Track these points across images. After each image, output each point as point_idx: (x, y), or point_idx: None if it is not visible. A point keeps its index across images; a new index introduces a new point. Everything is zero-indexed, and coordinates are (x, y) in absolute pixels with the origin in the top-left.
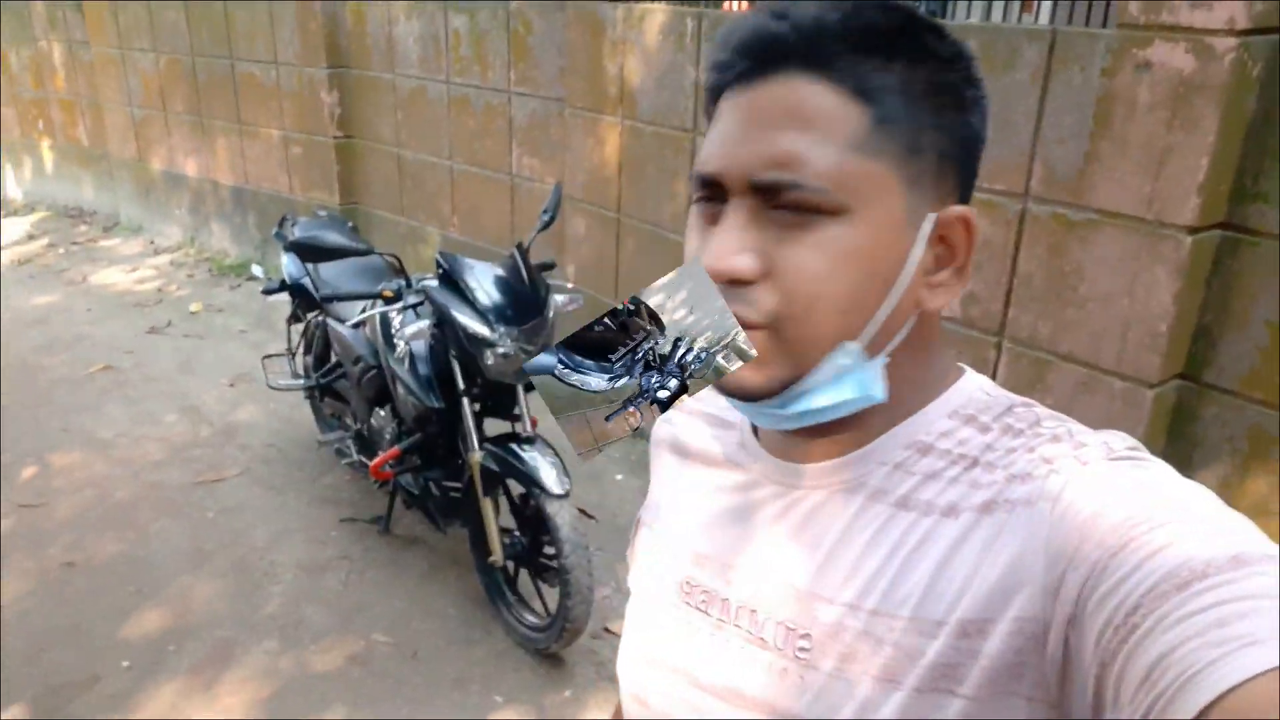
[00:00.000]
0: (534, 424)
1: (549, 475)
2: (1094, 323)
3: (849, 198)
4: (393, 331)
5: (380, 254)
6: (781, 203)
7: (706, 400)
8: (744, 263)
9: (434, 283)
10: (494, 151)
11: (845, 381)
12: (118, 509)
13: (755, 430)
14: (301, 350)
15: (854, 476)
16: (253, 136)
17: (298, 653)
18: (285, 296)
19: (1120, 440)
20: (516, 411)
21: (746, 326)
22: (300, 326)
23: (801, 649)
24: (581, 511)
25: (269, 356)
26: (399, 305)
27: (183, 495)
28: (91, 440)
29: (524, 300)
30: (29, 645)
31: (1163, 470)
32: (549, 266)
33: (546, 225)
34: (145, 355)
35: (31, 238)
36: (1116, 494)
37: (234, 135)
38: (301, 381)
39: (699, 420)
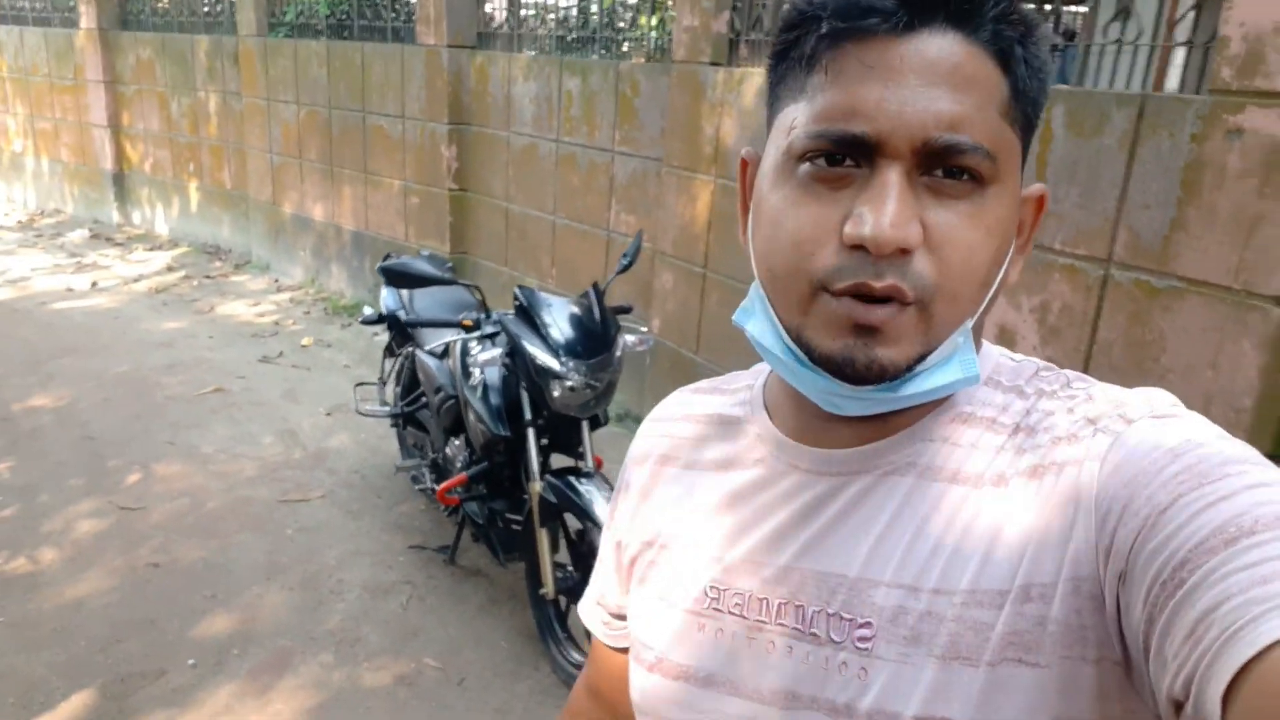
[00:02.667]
0: (599, 463)
1: (602, 508)
2: (1175, 395)
3: (999, 167)
4: (469, 360)
5: (464, 284)
6: (948, 167)
7: (690, 405)
8: (916, 233)
9: (510, 315)
10: (594, 208)
11: (954, 361)
12: (207, 518)
13: (773, 418)
14: (393, 381)
15: (902, 457)
16: (376, 185)
17: (351, 668)
18: (382, 328)
19: (1162, 397)
20: (581, 450)
21: (901, 301)
22: (394, 360)
23: (861, 638)
24: None
25: (361, 385)
26: (477, 334)
27: (267, 511)
28: (193, 454)
29: (594, 336)
30: (106, 635)
31: (1208, 427)
32: (626, 310)
33: (625, 269)
34: (255, 381)
35: (170, 270)
36: (1164, 451)
37: (359, 184)
38: (387, 409)
39: (688, 425)
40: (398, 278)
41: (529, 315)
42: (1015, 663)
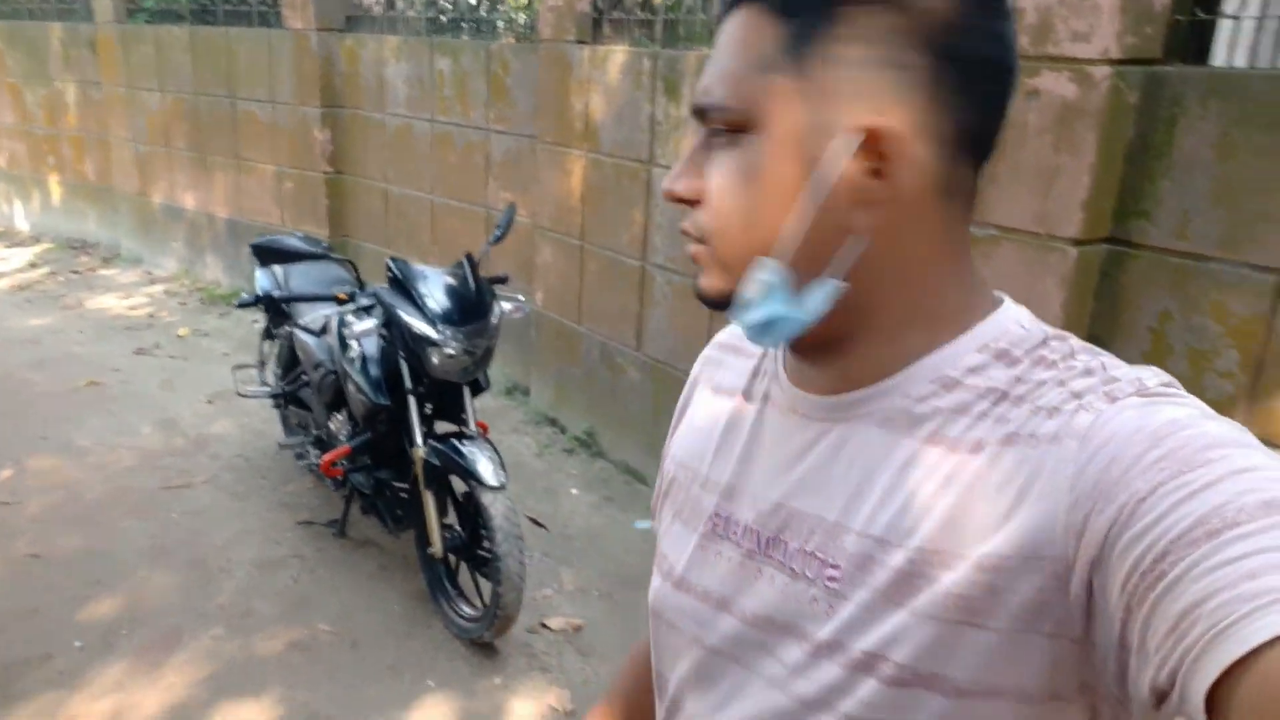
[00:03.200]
0: (484, 428)
1: (485, 468)
2: None
3: (757, 114)
4: (345, 333)
5: (337, 259)
6: (708, 125)
7: (736, 334)
8: (678, 185)
9: (385, 287)
10: (472, 185)
11: (774, 298)
12: (86, 508)
13: (784, 361)
14: (273, 361)
15: (879, 410)
16: (249, 172)
17: (243, 639)
18: (260, 312)
19: (1154, 376)
20: (464, 415)
21: (694, 241)
22: (272, 342)
23: (830, 578)
24: (534, 521)
25: (240, 367)
26: (352, 307)
27: (150, 499)
28: (69, 447)
29: (469, 305)
30: None
31: (1196, 408)
32: (502, 280)
33: (498, 239)
34: (131, 373)
35: (34, 266)
36: (1146, 435)
37: (231, 170)
38: (267, 389)
39: (731, 355)
40: (269, 254)
41: (403, 286)
42: (964, 624)
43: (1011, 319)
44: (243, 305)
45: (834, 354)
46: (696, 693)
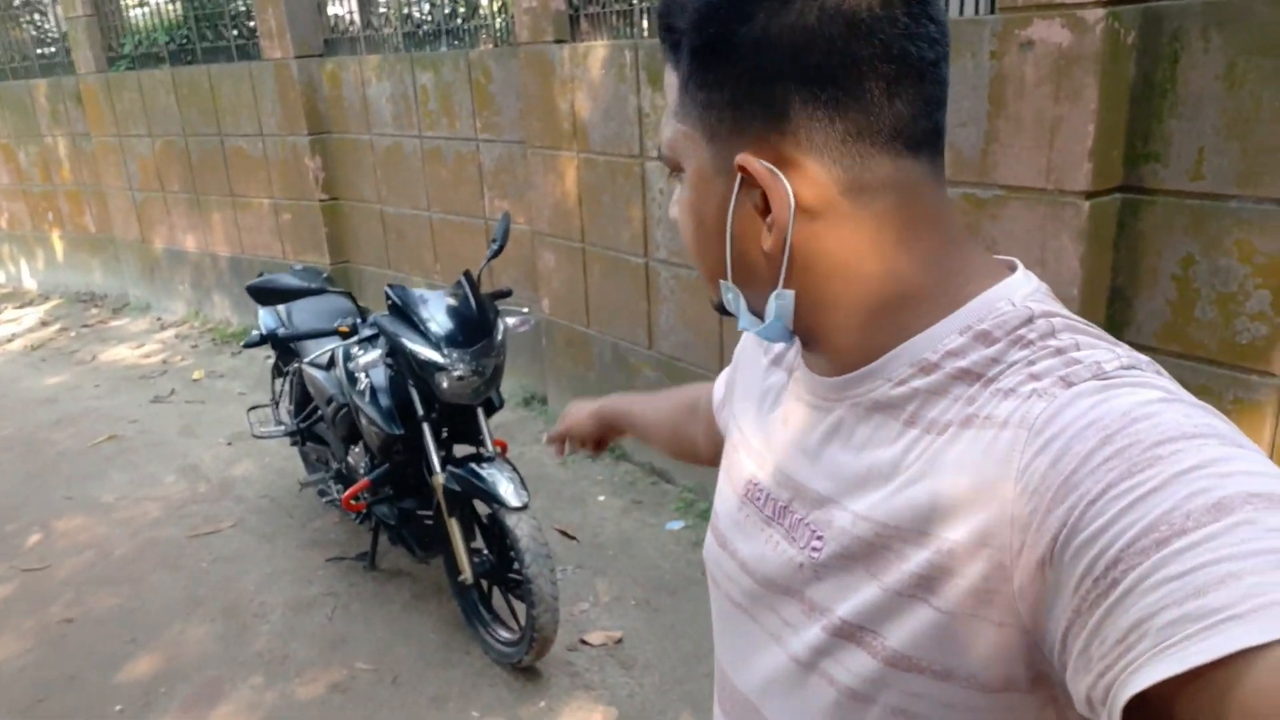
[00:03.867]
0: (503, 448)
1: (506, 489)
2: None
3: (679, 158)
4: (351, 366)
5: (336, 292)
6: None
7: None
8: (672, 212)
9: (385, 315)
10: (467, 198)
11: (740, 310)
12: (116, 565)
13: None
14: (285, 399)
15: (863, 393)
16: (245, 207)
17: (283, 685)
18: (268, 348)
19: (1115, 359)
20: (481, 438)
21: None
22: (283, 379)
23: (814, 548)
24: (563, 533)
25: (254, 408)
26: (355, 340)
27: (179, 549)
28: (94, 505)
29: (472, 324)
30: (26, 697)
31: (1156, 390)
32: (505, 294)
33: (495, 254)
34: (149, 423)
35: (44, 324)
36: (1097, 429)
37: (228, 208)
38: (282, 428)
39: None
40: (265, 294)
41: (404, 313)
42: (921, 601)
43: (1002, 296)
44: (249, 345)
45: (820, 344)
46: (727, 644)
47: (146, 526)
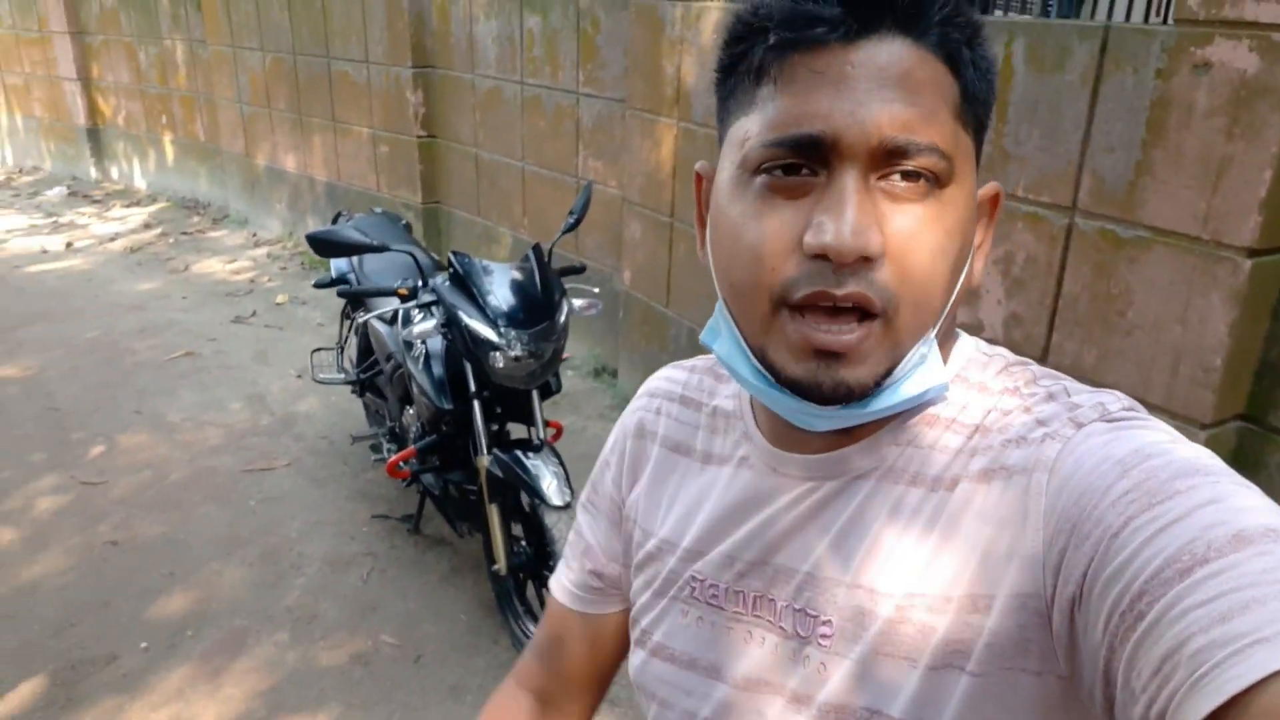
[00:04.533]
0: (558, 430)
1: (550, 485)
2: (1142, 352)
3: (953, 169)
4: (404, 333)
5: (401, 250)
6: (905, 170)
7: (690, 385)
8: (878, 239)
9: (446, 283)
10: (562, 153)
11: (918, 371)
12: (169, 490)
13: (756, 420)
14: (351, 347)
15: (868, 461)
16: (345, 134)
17: (306, 647)
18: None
19: (1115, 400)
20: (534, 422)
21: (867, 311)
22: (350, 324)
23: (823, 635)
24: None
25: (318, 350)
26: (414, 303)
27: (231, 482)
28: (159, 423)
29: (535, 303)
30: (60, 618)
31: (1161, 433)
32: (577, 270)
33: (572, 227)
34: (227, 343)
35: (148, 226)
36: (1112, 464)
37: (329, 133)
38: (342, 376)
39: (687, 409)
40: (325, 246)
41: (464, 283)
42: (955, 669)
43: (971, 346)
44: (319, 285)
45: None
46: None
47: (205, 453)
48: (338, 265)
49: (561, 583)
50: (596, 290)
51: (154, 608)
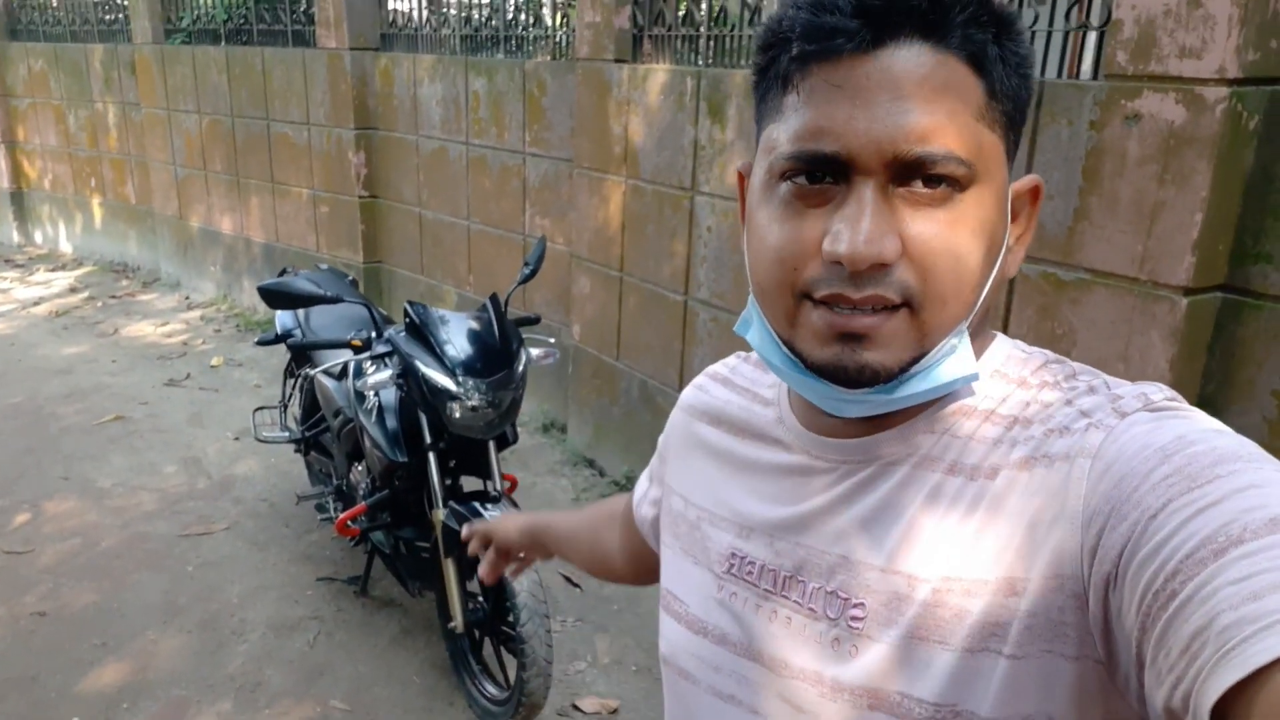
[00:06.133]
0: (513, 482)
1: None
2: None
3: (980, 170)
4: (359, 383)
5: (355, 301)
6: (924, 176)
7: (738, 372)
8: (893, 247)
9: (402, 333)
10: (509, 211)
11: (947, 360)
12: (101, 558)
13: (791, 406)
14: (295, 404)
15: (904, 448)
16: (284, 195)
17: (251, 715)
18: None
19: (1158, 391)
20: (491, 473)
21: (885, 308)
22: (294, 381)
23: (854, 618)
24: (567, 579)
25: (260, 409)
26: (368, 355)
27: (167, 547)
28: (89, 489)
29: (493, 352)
30: None
31: (1202, 421)
32: (532, 321)
33: (527, 278)
34: (159, 406)
35: (74, 290)
36: (1154, 450)
37: (267, 194)
38: (286, 434)
39: (733, 392)
40: (277, 298)
41: (421, 333)
42: (993, 653)
43: (1009, 344)
44: (262, 343)
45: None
46: None
47: (138, 519)
48: (283, 321)
49: (636, 494)
50: (552, 340)
51: (86, 680)
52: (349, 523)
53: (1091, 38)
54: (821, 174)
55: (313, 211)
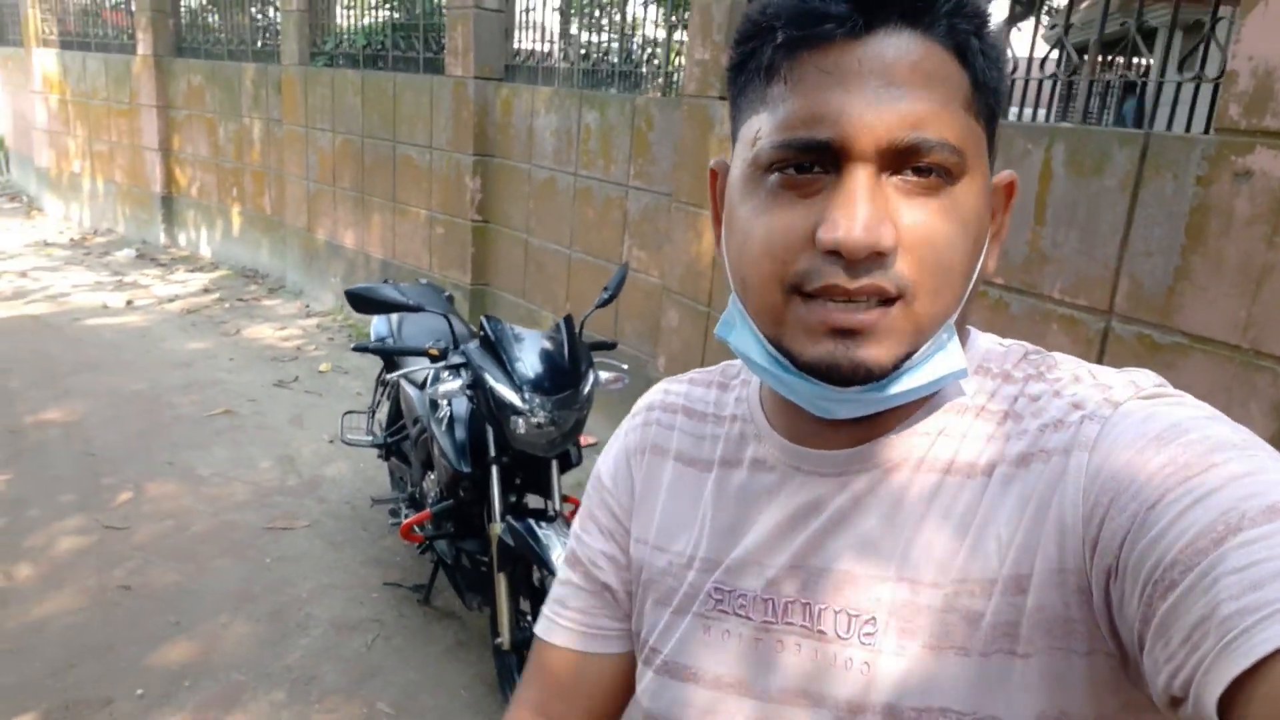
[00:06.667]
0: (576, 506)
1: (559, 557)
2: None
3: (967, 161)
4: (431, 391)
5: (435, 312)
6: (916, 165)
7: (689, 395)
8: (889, 234)
9: (475, 345)
10: (609, 242)
11: (938, 356)
12: (189, 541)
13: (770, 421)
14: (382, 410)
15: (899, 453)
16: (403, 214)
17: (301, 707)
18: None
19: (1146, 378)
20: (551, 492)
21: (883, 300)
22: (384, 389)
23: (866, 634)
24: None
25: (349, 413)
26: (444, 364)
27: (250, 538)
28: (189, 475)
29: (561, 372)
30: (62, 657)
31: (1195, 408)
32: (608, 346)
33: (605, 303)
34: (265, 405)
35: (206, 291)
36: (1149, 440)
37: (388, 212)
38: (369, 439)
39: (681, 418)
40: (362, 302)
41: (494, 347)
42: (1006, 654)
43: (985, 339)
44: (358, 349)
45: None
46: None
47: (229, 508)
48: (378, 330)
49: (559, 624)
50: (625, 366)
51: (155, 655)
52: (414, 528)
53: (1204, 91)
54: (810, 164)
55: (429, 232)
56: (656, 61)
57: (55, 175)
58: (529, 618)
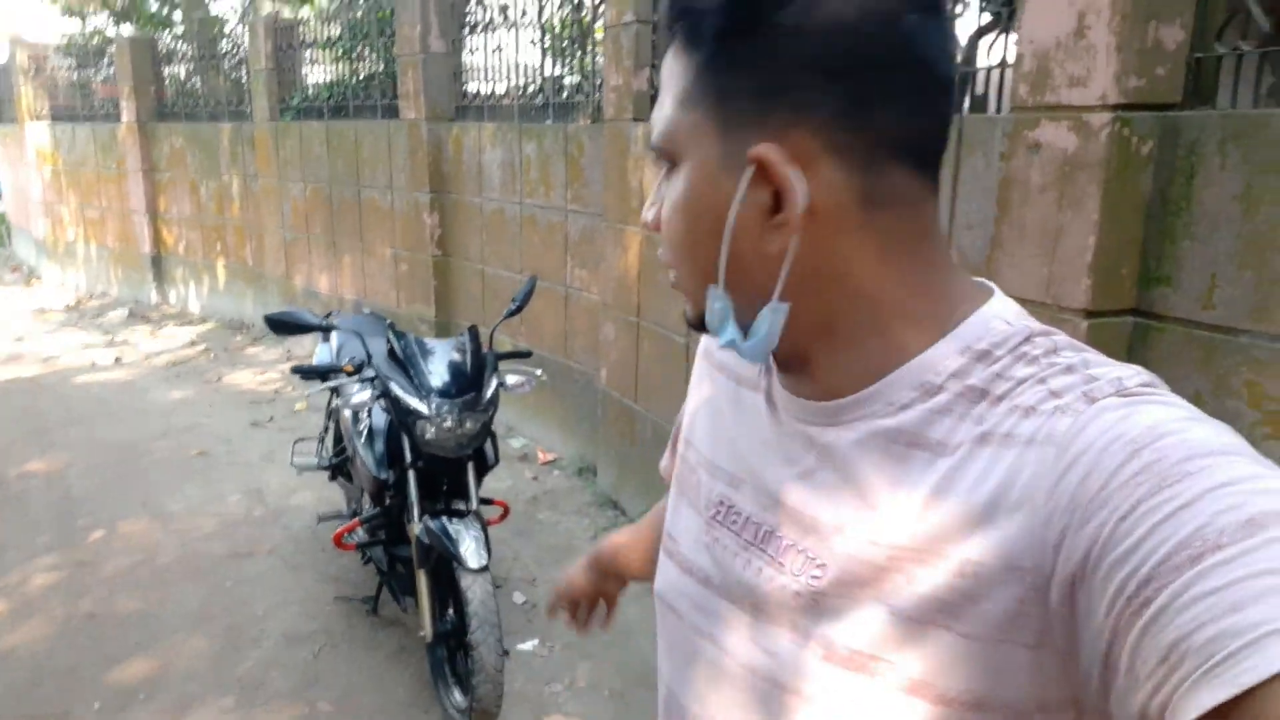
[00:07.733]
0: (505, 509)
1: (468, 547)
2: None
3: (679, 150)
4: (343, 405)
5: (347, 330)
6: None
7: None
8: (649, 215)
9: (383, 358)
10: (553, 265)
11: (728, 323)
12: (155, 572)
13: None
14: (329, 434)
15: (860, 417)
16: (371, 254)
17: (247, 710)
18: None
19: (1135, 375)
20: (466, 493)
21: (668, 267)
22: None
23: (814, 576)
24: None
25: (300, 440)
26: (355, 378)
27: (214, 565)
28: (160, 512)
29: (463, 377)
30: (27, 680)
31: (1178, 409)
32: (523, 354)
33: (512, 313)
34: (240, 444)
35: (193, 344)
36: (1124, 444)
37: (357, 253)
38: (316, 462)
39: None
40: (279, 325)
41: (401, 358)
42: (943, 628)
43: (995, 314)
44: (294, 372)
45: (810, 366)
46: (688, 679)
47: (196, 540)
48: (320, 356)
49: (665, 457)
50: (539, 371)
51: (114, 673)
52: (344, 537)
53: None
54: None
55: (394, 269)
56: (584, 91)
57: (52, 243)
58: (449, 612)
